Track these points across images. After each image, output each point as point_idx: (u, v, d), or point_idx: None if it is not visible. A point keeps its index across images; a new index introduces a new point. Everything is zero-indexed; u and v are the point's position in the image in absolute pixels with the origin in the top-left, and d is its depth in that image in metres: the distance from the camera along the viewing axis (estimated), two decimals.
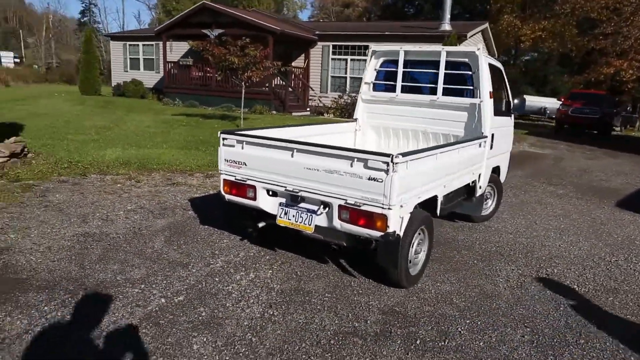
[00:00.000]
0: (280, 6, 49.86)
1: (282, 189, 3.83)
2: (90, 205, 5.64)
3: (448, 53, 5.30)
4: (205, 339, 3.01)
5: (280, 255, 4.46)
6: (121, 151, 8.72)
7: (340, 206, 3.49)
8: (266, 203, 4.01)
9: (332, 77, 19.50)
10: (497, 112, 5.46)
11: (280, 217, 3.90)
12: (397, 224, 3.36)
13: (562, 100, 19.29)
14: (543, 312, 3.64)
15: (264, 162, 3.89)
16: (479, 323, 3.41)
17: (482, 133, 5.09)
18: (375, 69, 5.90)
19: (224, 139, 4.12)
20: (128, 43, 24.03)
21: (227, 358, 2.84)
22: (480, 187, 5.21)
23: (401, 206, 3.37)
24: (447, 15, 17.60)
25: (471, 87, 5.21)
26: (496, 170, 5.90)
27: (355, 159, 3.35)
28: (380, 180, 3.23)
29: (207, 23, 18.31)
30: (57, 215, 5.20)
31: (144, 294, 3.57)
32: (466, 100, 5.24)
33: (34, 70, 45.60)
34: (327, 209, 3.62)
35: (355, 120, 6.07)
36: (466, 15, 42.76)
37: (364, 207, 3.36)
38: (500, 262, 4.63)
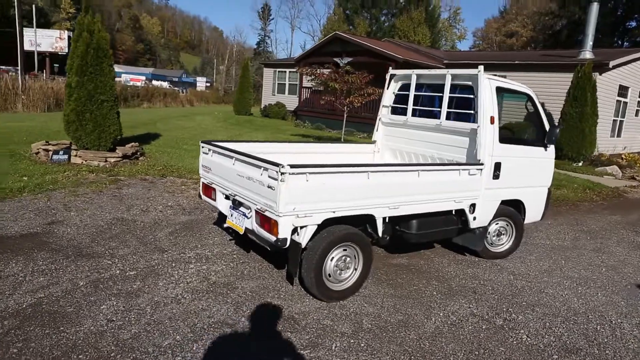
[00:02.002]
0: (437, 37, 49.57)
1: (227, 193, 4.29)
2: (145, 199, 6.83)
3: (453, 76, 5.16)
4: (115, 303, 3.64)
5: (248, 256, 4.88)
6: None
7: (255, 211, 3.82)
8: (222, 205, 4.51)
9: None
10: (509, 139, 5.10)
11: (228, 218, 4.36)
12: (288, 231, 3.53)
13: None
14: (448, 352, 3.37)
15: (219, 169, 4.42)
16: (362, 345, 3.36)
17: (479, 160, 4.79)
18: (394, 93, 5.96)
19: (202, 147, 4.78)
20: (277, 70, 26.89)
21: (115, 318, 3.41)
22: (474, 219, 4.88)
23: (297, 216, 3.54)
24: (589, 42, 15.72)
25: (472, 112, 4.96)
26: (517, 205, 5.39)
27: (263, 168, 3.65)
28: (274, 189, 3.48)
29: (338, 52, 19.59)
30: (114, 204, 6.46)
31: (110, 265, 4.38)
32: (467, 125, 5.01)
33: (216, 93, 53.60)
34: (252, 213, 3.97)
35: (374, 142, 6.18)
36: None
37: (266, 213, 3.63)
38: (464, 299, 4.29)
